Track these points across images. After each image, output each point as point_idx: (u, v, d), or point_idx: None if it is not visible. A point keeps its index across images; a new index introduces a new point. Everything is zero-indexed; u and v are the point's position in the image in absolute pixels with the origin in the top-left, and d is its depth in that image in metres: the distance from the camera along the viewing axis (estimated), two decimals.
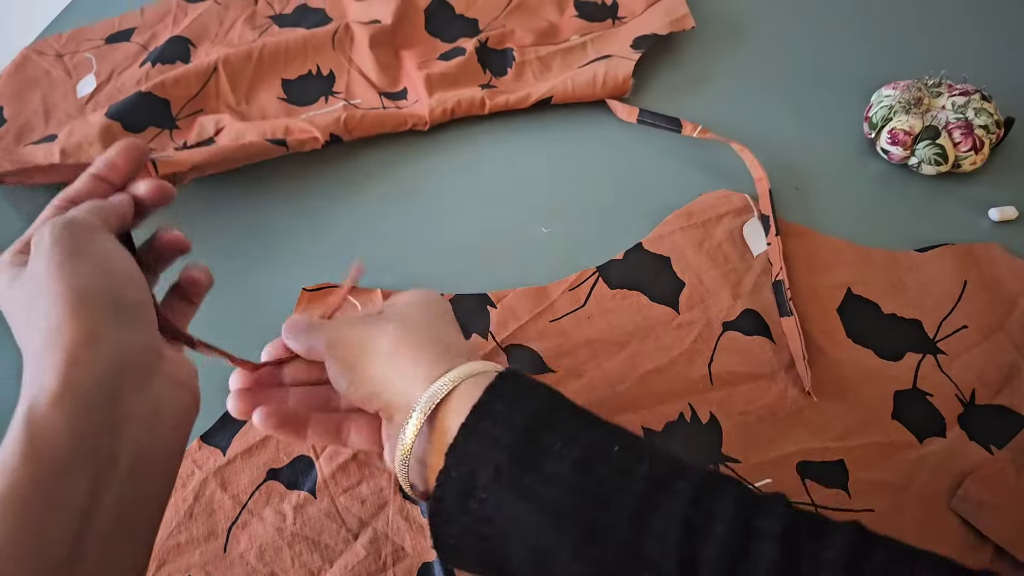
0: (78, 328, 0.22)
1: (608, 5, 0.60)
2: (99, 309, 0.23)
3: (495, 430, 0.24)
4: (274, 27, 0.60)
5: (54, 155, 0.48)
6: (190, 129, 0.51)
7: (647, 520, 0.22)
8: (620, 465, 0.24)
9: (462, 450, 0.24)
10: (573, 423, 0.25)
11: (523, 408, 0.25)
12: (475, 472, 0.24)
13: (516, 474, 0.23)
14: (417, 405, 0.26)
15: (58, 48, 0.61)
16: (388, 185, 0.49)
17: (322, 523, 0.34)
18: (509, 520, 0.23)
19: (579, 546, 0.23)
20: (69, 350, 0.22)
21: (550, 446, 0.24)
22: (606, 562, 0.23)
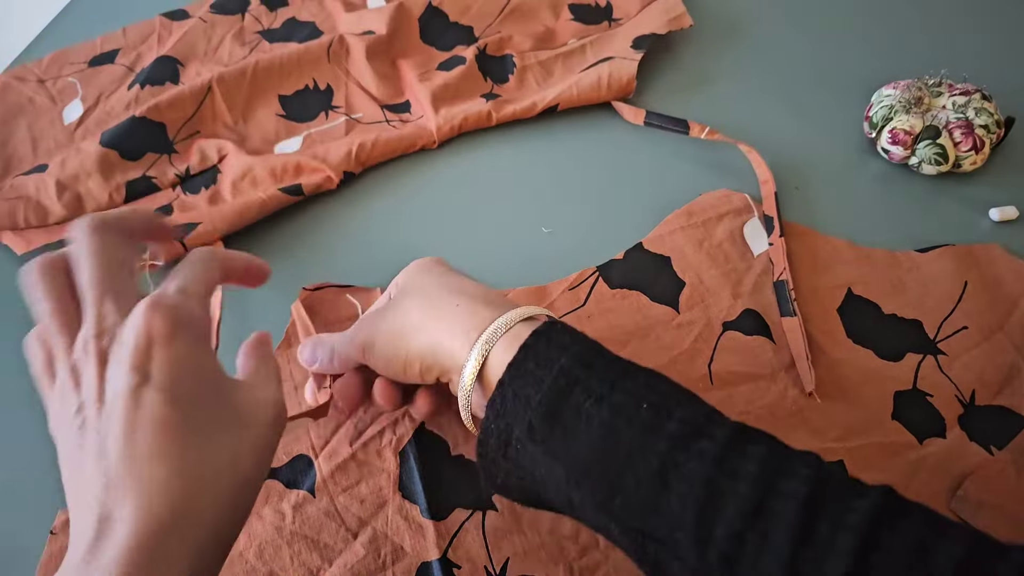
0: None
1: (603, 7, 0.60)
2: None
3: (527, 388, 0.26)
4: (264, 43, 0.59)
5: (48, 186, 0.47)
6: (189, 153, 0.51)
7: (669, 480, 0.23)
8: (647, 423, 0.24)
9: (499, 405, 0.26)
10: (604, 379, 0.26)
11: (555, 365, 0.26)
12: (511, 426, 0.26)
13: (546, 432, 0.25)
14: (467, 364, 0.28)
15: (39, 73, 0.59)
16: (391, 185, 0.49)
17: (321, 522, 0.34)
18: (541, 472, 0.25)
19: (602, 503, 0.24)
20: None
21: (579, 404, 0.25)
22: (627, 518, 0.24)
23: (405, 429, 0.37)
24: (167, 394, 0.23)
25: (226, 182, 0.49)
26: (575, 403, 0.25)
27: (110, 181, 0.48)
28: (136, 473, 0.23)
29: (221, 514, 0.24)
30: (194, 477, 0.23)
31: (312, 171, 0.48)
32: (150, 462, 0.23)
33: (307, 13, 0.62)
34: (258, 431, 0.26)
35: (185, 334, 0.25)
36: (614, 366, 0.27)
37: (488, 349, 0.28)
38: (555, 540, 0.33)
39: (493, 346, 0.28)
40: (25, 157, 0.52)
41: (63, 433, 0.25)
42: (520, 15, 0.59)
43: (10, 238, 0.45)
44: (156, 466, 0.23)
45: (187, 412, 0.24)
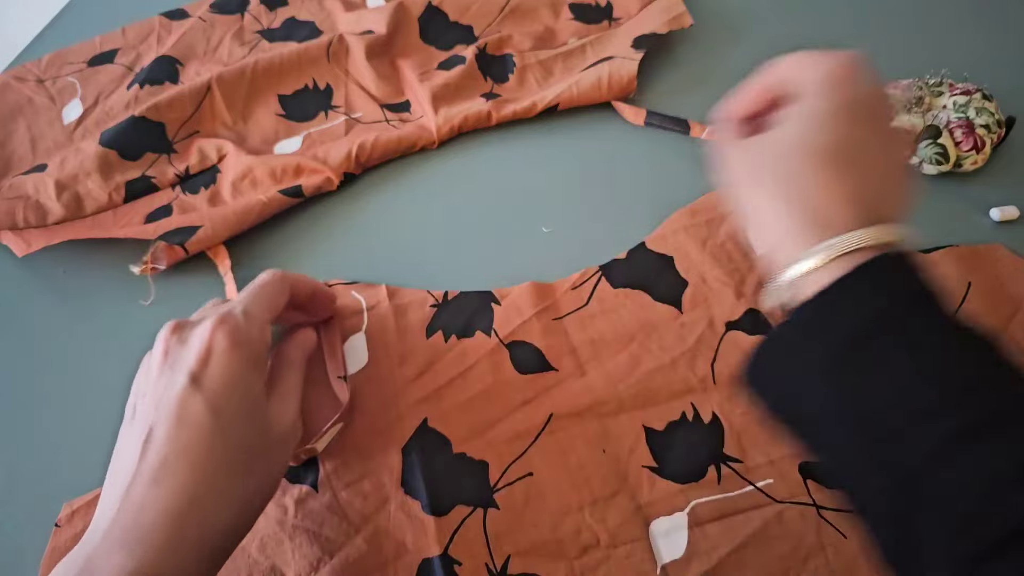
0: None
1: (603, 6, 0.60)
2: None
3: (834, 317, 0.24)
4: (263, 42, 0.59)
5: (47, 186, 0.47)
6: (188, 153, 0.51)
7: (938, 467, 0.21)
8: (942, 395, 0.22)
9: (804, 315, 0.25)
10: (923, 333, 0.23)
11: (873, 304, 0.24)
12: (805, 345, 0.24)
13: (834, 369, 0.23)
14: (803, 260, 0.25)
15: (38, 73, 0.58)
16: (391, 184, 0.50)
17: (323, 516, 0.34)
18: (819, 392, 0.24)
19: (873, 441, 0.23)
20: None
21: (882, 356, 0.23)
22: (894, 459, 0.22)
23: (408, 426, 0.37)
24: (210, 403, 0.27)
25: (226, 182, 0.49)
26: (878, 352, 0.23)
27: (109, 181, 0.48)
28: (169, 464, 0.26)
29: (229, 514, 0.27)
30: (211, 482, 0.27)
31: (312, 172, 0.48)
32: (179, 458, 0.26)
33: (306, 12, 0.62)
34: (277, 456, 0.30)
35: (240, 354, 0.28)
36: (937, 320, 0.24)
37: (833, 256, 0.25)
38: (556, 538, 0.33)
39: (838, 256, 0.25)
40: (24, 157, 0.52)
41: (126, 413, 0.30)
42: (520, 14, 0.59)
43: (10, 239, 0.45)
44: (184, 463, 0.26)
45: (223, 426, 0.27)
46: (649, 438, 0.36)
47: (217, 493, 0.27)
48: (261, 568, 0.33)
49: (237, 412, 0.28)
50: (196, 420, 0.27)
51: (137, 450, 0.27)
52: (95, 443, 0.34)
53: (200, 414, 0.27)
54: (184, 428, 0.27)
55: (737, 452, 0.36)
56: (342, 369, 0.38)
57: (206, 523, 0.26)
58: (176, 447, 0.26)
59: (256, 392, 0.29)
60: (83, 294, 0.45)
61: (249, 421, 0.29)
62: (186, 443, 0.27)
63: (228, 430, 0.27)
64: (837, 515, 0.34)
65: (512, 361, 0.39)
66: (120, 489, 0.26)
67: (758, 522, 0.34)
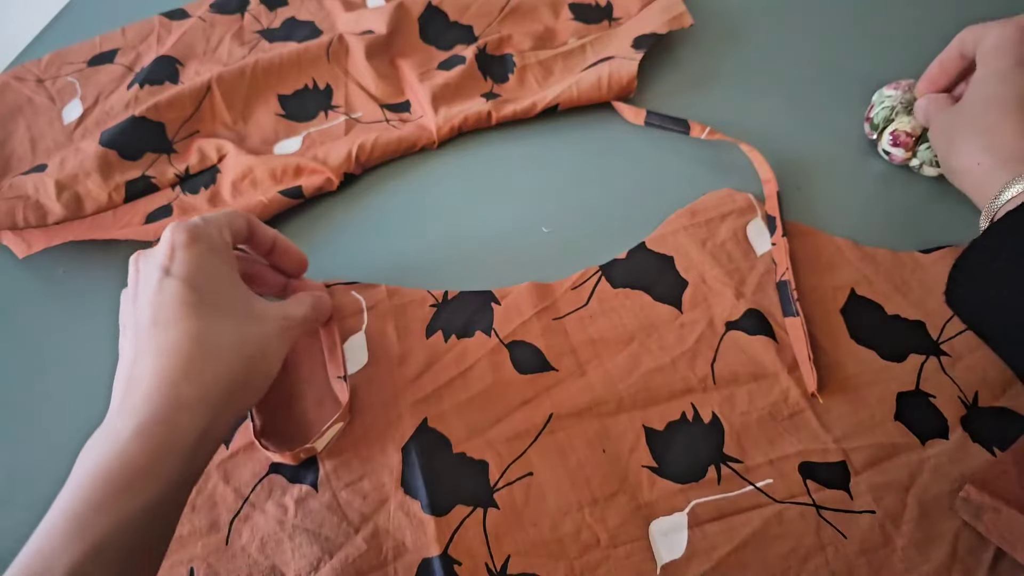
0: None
1: (603, 6, 0.60)
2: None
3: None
4: (263, 42, 0.59)
5: (47, 186, 0.47)
6: (188, 152, 0.51)
7: None
8: None
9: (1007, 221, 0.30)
10: None
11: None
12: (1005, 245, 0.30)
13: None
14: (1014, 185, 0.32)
15: (38, 73, 0.59)
16: (391, 184, 0.50)
17: (323, 516, 0.34)
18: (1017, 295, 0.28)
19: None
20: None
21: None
22: None
23: (408, 426, 0.37)
24: (184, 281, 0.29)
25: (226, 182, 0.49)
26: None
27: (109, 181, 0.48)
28: (156, 337, 0.28)
29: (224, 385, 0.29)
30: (203, 343, 0.28)
31: (312, 172, 0.48)
32: (167, 328, 0.29)
33: (306, 12, 0.62)
34: (265, 328, 0.31)
35: (201, 245, 0.31)
36: None
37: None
38: (556, 538, 0.33)
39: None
40: (24, 157, 0.52)
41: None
42: (520, 14, 0.59)
43: (10, 239, 0.45)
44: (172, 330, 0.28)
45: (202, 297, 0.29)
46: (649, 438, 0.36)
47: (207, 349, 0.28)
48: (261, 568, 0.33)
49: (211, 281, 0.30)
50: (173, 293, 0.29)
51: (129, 349, 0.29)
52: None
53: (175, 287, 0.29)
54: (164, 304, 0.29)
55: (737, 452, 0.36)
56: (341, 369, 0.38)
57: (203, 377, 0.28)
58: (160, 319, 0.29)
59: (226, 272, 0.32)
60: (83, 294, 0.45)
61: (227, 288, 0.31)
62: (168, 315, 0.29)
63: (206, 296, 0.30)
64: (837, 515, 0.34)
65: (512, 361, 0.39)
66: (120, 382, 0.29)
67: (758, 522, 0.34)
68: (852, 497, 0.34)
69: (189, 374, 0.28)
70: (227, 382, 0.29)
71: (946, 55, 0.40)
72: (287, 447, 0.36)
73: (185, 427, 0.27)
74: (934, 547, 0.33)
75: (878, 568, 0.32)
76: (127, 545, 0.25)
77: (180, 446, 0.27)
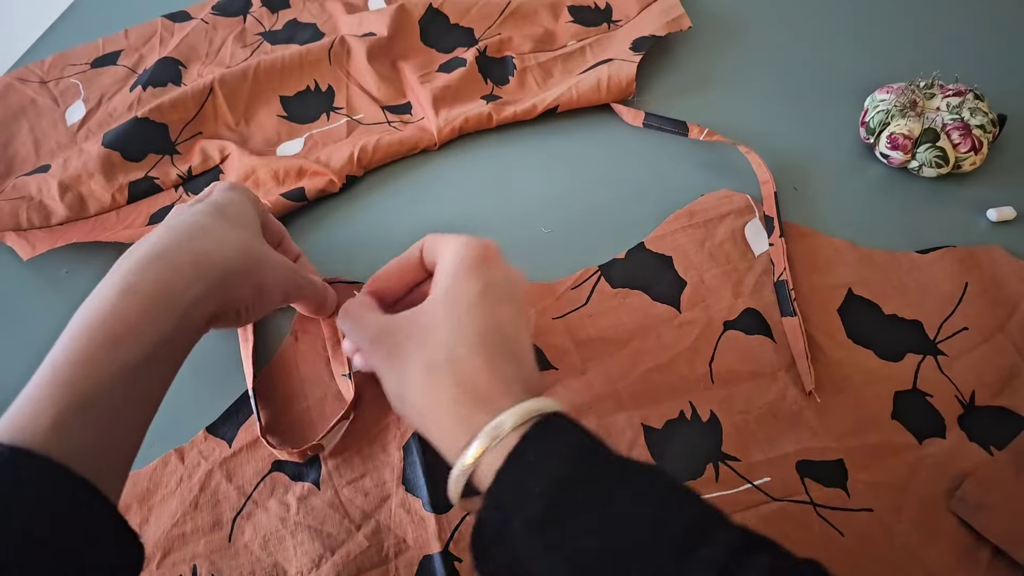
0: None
1: (602, 9, 0.60)
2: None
3: (528, 480, 0.25)
4: (266, 44, 0.60)
5: (50, 187, 0.47)
6: (191, 153, 0.51)
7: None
8: (651, 524, 0.23)
9: (497, 496, 0.25)
10: (608, 475, 0.25)
11: (557, 458, 0.25)
12: (508, 519, 0.24)
13: (547, 526, 0.24)
14: (465, 454, 0.26)
15: (41, 74, 0.59)
16: (392, 185, 0.50)
17: (325, 513, 0.34)
18: (539, 565, 0.24)
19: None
20: None
21: (582, 500, 0.24)
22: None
23: (409, 424, 0.37)
24: (213, 204, 0.33)
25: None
26: (578, 499, 0.24)
27: (112, 182, 0.49)
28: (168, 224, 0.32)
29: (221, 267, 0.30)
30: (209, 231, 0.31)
31: (314, 175, 0.48)
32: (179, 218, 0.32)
33: (308, 15, 0.62)
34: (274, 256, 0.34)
35: (238, 191, 0.35)
36: (616, 462, 0.26)
37: (489, 445, 0.26)
38: None
39: (497, 443, 0.26)
40: (28, 158, 0.52)
41: None
42: (520, 17, 0.60)
43: (14, 241, 0.45)
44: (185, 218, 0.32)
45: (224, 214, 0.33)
46: (648, 436, 0.36)
47: (211, 234, 0.31)
48: (263, 565, 0.33)
49: (237, 212, 0.34)
50: (199, 208, 0.33)
51: None
52: None
53: (203, 206, 0.33)
54: (187, 211, 0.33)
55: (735, 450, 0.36)
56: (346, 367, 0.38)
57: (201, 254, 0.30)
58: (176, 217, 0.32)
59: (252, 214, 0.35)
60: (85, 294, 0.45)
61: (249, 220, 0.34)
62: (186, 216, 0.32)
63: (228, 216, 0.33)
64: (834, 513, 0.34)
65: None
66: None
67: (756, 520, 0.34)
68: (849, 495, 0.34)
69: (189, 247, 0.30)
70: (223, 265, 0.30)
71: (406, 259, 0.35)
72: (291, 445, 0.36)
73: (179, 289, 0.28)
74: (931, 545, 0.33)
75: (875, 566, 0.32)
76: (112, 402, 0.25)
77: (173, 304, 0.27)
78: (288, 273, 0.35)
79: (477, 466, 0.26)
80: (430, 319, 0.30)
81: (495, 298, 0.30)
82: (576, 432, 0.26)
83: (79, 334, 0.26)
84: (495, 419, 0.26)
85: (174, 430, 0.37)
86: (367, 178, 0.50)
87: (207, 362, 0.38)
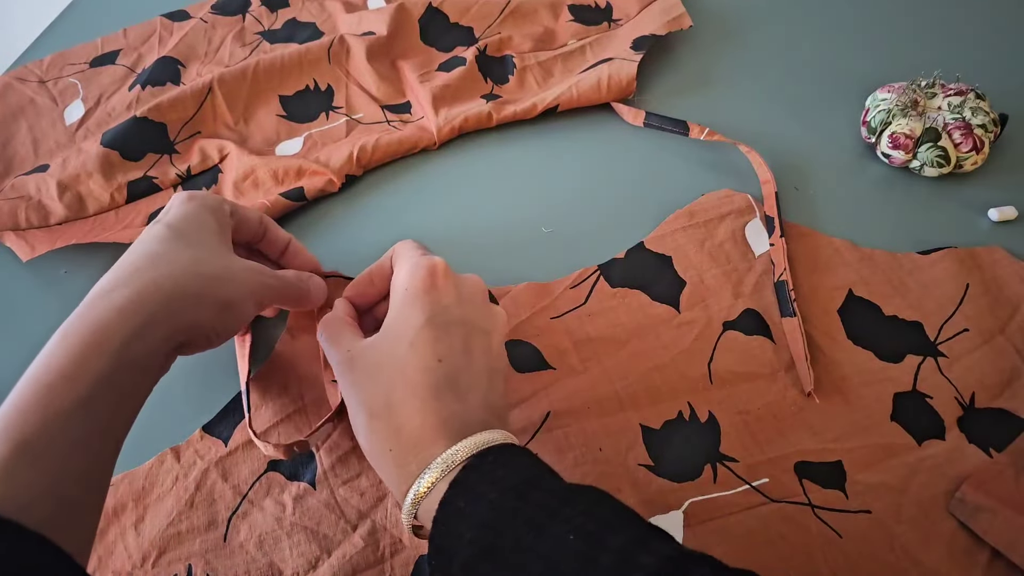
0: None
1: (603, 8, 0.60)
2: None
3: (460, 526, 0.25)
4: (265, 43, 0.59)
5: (49, 186, 0.47)
6: (190, 153, 0.51)
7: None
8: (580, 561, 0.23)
9: (436, 541, 0.26)
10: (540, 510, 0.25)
11: (484, 502, 0.25)
12: (451, 559, 0.25)
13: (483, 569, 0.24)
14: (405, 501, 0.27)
15: (40, 74, 0.59)
16: (392, 185, 0.50)
17: (321, 514, 0.34)
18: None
19: None
20: None
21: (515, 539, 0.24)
22: None
23: None
24: (168, 225, 0.32)
25: (227, 182, 0.49)
26: (510, 538, 0.24)
27: (111, 181, 0.49)
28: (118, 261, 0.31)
29: (166, 293, 0.29)
30: (155, 258, 0.31)
31: (314, 174, 0.48)
32: (129, 253, 0.31)
33: (307, 14, 0.62)
34: (234, 265, 0.33)
35: (195, 202, 0.34)
36: (551, 495, 0.25)
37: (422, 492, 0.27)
38: None
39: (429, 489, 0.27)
40: (27, 158, 0.52)
41: None
42: (520, 16, 0.60)
43: (14, 242, 0.45)
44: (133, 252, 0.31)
45: (179, 235, 0.32)
46: (646, 437, 0.36)
47: (156, 261, 0.30)
48: (259, 565, 0.33)
49: (195, 228, 0.33)
50: (154, 232, 0.32)
51: None
52: None
53: (158, 228, 0.32)
54: (140, 240, 0.32)
55: (733, 451, 0.36)
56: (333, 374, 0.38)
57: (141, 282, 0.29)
58: (130, 249, 0.32)
59: (213, 225, 0.34)
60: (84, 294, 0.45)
61: (209, 235, 0.33)
62: (137, 245, 0.32)
63: (184, 236, 0.32)
64: (832, 515, 0.34)
65: (510, 360, 0.39)
66: None
67: (754, 521, 0.34)
68: (848, 497, 0.34)
69: (128, 280, 0.29)
70: (169, 290, 0.29)
71: (378, 268, 0.36)
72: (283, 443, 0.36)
73: (114, 328, 0.27)
74: (930, 548, 0.33)
75: (874, 568, 0.32)
76: (54, 442, 0.25)
77: (107, 346, 0.27)
78: (255, 280, 0.33)
79: (417, 510, 0.27)
80: (377, 356, 0.30)
81: (440, 326, 0.30)
82: (509, 468, 0.26)
83: (23, 384, 0.26)
84: (424, 470, 0.27)
85: (170, 429, 0.37)
86: (366, 178, 0.50)
87: (204, 361, 0.38)
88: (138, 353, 0.28)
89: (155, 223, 0.33)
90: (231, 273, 0.32)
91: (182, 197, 0.34)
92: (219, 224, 0.34)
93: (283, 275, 0.36)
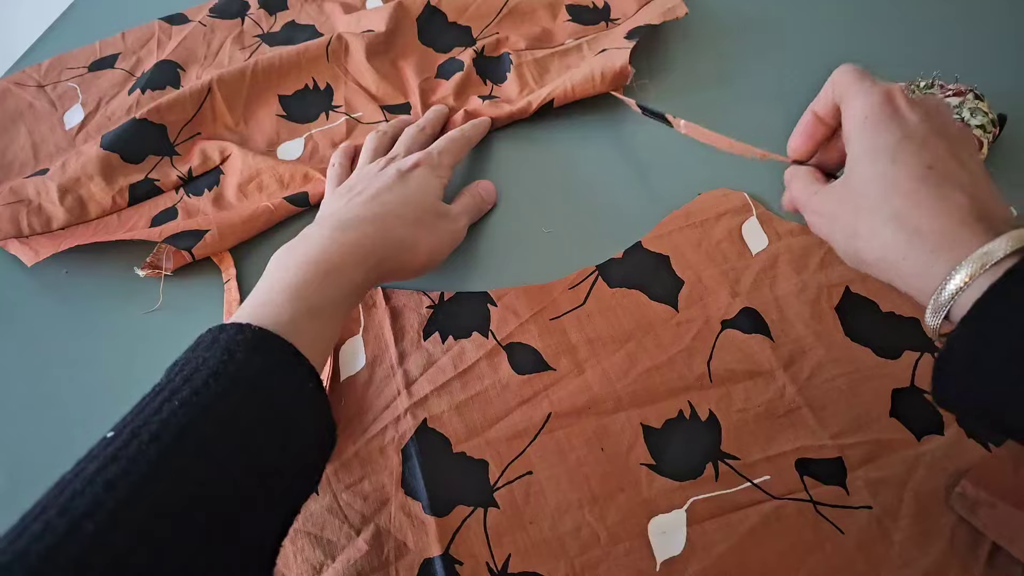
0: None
1: (600, 8, 0.60)
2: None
3: (1013, 314, 0.24)
4: (264, 46, 0.59)
5: (49, 190, 0.47)
6: (190, 154, 0.51)
7: None
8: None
9: (975, 324, 0.25)
10: None
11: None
12: (983, 350, 0.24)
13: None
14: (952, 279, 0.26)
15: (38, 78, 0.59)
16: None
17: (324, 518, 0.34)
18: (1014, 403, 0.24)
19: None
20: None
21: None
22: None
23: (407, 427, 0.37)
24: (401, 196, 0.41)
25: (229, 183, 0.49)
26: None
27: (112, 184, 0.49)
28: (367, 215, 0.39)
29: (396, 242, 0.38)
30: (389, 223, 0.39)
31: (319, 181, 0.48)
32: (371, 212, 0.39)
33: (306, 16, 0.62)
34: (444, 231, 0.41)
35: (427, 172, 0.43)
36: None
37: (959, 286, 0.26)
38: (556, 537, 0.34)
39: (966, 283, 0.25)
40: (26, 163, 0.52)
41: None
42: (518, 16, 0.59)
43: (17, 248, 0.45)
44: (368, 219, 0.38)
45: (405, 208, 0.40)
46: (647, 436, 0.37)
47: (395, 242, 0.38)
48: None
49: (417, 204, 0.40)
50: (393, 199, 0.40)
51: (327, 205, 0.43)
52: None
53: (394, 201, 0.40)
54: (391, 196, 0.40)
55: (734, 449, 0.36)
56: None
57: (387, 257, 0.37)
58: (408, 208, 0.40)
59: (433, 196, 0.42)
60: (85, 295, 0.45)
61: (425, 211, 0.41)
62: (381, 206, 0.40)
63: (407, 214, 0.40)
64: (834, 511, 0.34)
65: (510, 362, 0.39)
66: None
67: (756, 519, 0.34)
68: (848, 493, 0.34)
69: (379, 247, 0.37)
70: (412, 268, 0.39)
71: (820, 106, 0.34)
72: None
73: (366, 246, 0.36)
74: (930, 542, 0.33)
75: (875, 563, 0.33)
76: (325, 316, 0.33)
77: (362, 258, 0.36)
78: (454, 239, 0.42)
79: (955, 301, 0.26)
80: (858, 183, 0.30)
81: (918, 140, 0.29)
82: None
83: (305, 265, 0.33)
84: (985, 246, 0.25)
85: None
86: None
87: None
88: (372, 275, 0.37)
89: (398, 180, 0.42)
90: (442, 247, 0.41)
91: (422, 168, 0.43)
92: (439, 183, 0.44)
93: (463, 219, 0.44)
